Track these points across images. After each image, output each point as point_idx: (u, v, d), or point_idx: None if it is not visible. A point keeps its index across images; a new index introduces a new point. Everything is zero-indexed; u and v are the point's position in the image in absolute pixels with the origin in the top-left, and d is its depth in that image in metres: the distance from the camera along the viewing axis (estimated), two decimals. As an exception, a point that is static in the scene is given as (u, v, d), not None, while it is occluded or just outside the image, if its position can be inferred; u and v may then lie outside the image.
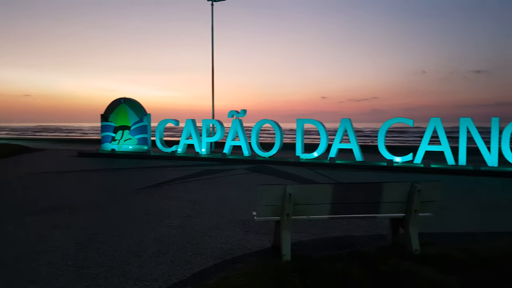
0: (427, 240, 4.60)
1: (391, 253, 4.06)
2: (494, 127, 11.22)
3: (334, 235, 5.00)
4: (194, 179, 10.10)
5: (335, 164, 12.71)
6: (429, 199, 4.21)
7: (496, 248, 4.32)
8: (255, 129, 14.54)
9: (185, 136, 15.61)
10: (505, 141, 11.13)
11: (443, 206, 6.54)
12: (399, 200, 4.17)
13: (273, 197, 3.92)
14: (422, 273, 3.55)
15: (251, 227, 5.36)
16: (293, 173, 11.06)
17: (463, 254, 4.08)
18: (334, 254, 4.16)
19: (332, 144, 13.20)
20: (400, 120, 12.73)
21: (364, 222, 5.49)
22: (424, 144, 12.00)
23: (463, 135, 11.55)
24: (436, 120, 11.84)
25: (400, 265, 3.72)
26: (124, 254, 4.36)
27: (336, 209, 4.10)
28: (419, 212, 4.18)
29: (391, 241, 4.47)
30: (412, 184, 4.13)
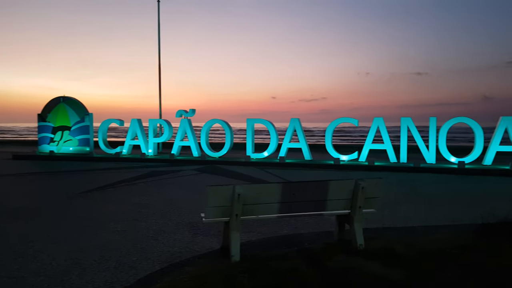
0: (372, 235, 4.82)
1: (338, 249, 4.21)
2: (432, 126, 12.03)
3: (283, 233, 5.08)
4: (140, 181, 9.79)
5: (285, 163, 12.94)
6: (372, 196, 4.42)
7: (434, 241, 4.63)
8: (205, 129, 14.41)
9: (131, 137, 15.10)
10: (442, 139, 11.97)
11: (385, 202, 6.90)
12: (345, 197, 4.33)
13: (222, 197, 3.90)
14: (367, 267, 3.71)
15: (199, 229, 5.30)
16: (243, 173, 11.10)
17: (405, 247, 4.32)
18: (283, 252, 4.23)
19: (282, 143, 13.42)
20: (346, 120, 13.24)
21: (312, 219, 5.63)
22: (368, 143, 12.58)
23: (404, 134, 12.26)
24: (379, 120, 12.45)
25: (346, 261, 3.87)
26: (63, 262, 4.12)
27: (285, 208, 4.17)
28: (363, 208, 4.37)
29: (337, 237, 4.63)
30: (356, 182, 4.31)
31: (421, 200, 7.46)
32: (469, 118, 12.00)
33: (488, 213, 5.14)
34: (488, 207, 6.27)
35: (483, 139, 11.66)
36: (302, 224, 5.48)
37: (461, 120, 12.16)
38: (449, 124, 12.06)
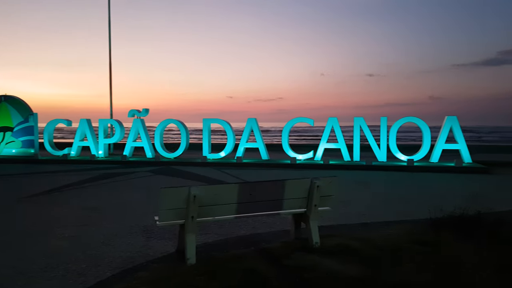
0: (327, 233, 4.92)
1: (294, 248, 4.25)
2: (383, 125, 12.55)
3: (240, 234, 5.07)
4: (90, 184, 9.38)
5: (242, 163, 12.94)
6: (327, 194, 4.51)
7: (387, 236, 4.81)
8: (159, 129, 14.09)
9: (79, 138, 14.44)
10: (392, 138, 12.53)
11: (340, 199, 7.09)
12: (301, 196, 4.38)
13: (177, 199, 3.81)
14: (323, 264, 3.78)
15: (154, 232, 5.16)
16: (200, 174, 10.96)
17: (360, 243, 4.45)
18: (240, 253, 4.21)
19: (239, 143, 13.42)
20: (302, 120, 13.48)
21: (269, 219, 5.66)
22: (323, 142, 12.89)
23: (356, 134, 12.69)
24: (333, 120, 12.79)
25: (303, 259, 3.92)
26: (5, 272, 3.84)
27: (242, 208, 4.16)
28: (319, 207, 4.45)
29: (294, 236, 4.69)
30: (311, 181, 4.38)
31: (374, 197, 7.75)
32: (417, 118, 12.65)
33: (436, 208, 5.41)
34: (435, 202, 6.60)
35: (430, 138, 12.32)
36: (260, 224, 5.50)
37: (410, 120, 12.78)
38: (399, 123, 12.64)
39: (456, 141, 12.19)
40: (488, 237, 4.60)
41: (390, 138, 12.52)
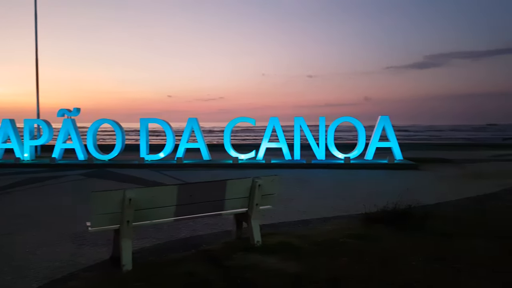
0: (269, 231, 5.00)
1: (236, 248, 4.26)
2: (322, 125, 13.04)
3: (180, 237, 4.97)
4: (15, 189, 8.68)
5: (183, 164, 12.72)
6: (269, 192, 4.58)
7: (326, 232, 4.99)
8: (92, 130, 13.39)
9: (1, 140, 13.30)
10: (331, 137, 13.04)
11: (282, 197, 7.23)
12: (242, 195, 4.40)
13: (110, 203, 3.65)
14: (264, 263, 3.82)
15: (86, 239, 4.89)
16: (137, 176, 10.60)
17: (300, 240, 4.58)
18: (180, 256, 4.13)
19: (179, 144, 13.17)
20: (244, 120, 13.57)
21: (211, 220, 5.62)
22: (265, 141, 13.07)
23: (297, 133, 13.05)
24: (274, 119, 13.03)
25: (244, 259, 3.93)
26: None
27: (182, 210, 4.08)
28: (261, 205, 4.50)
29: (236, 236, 4.69)
30: (253, 180, 4.42)
31: (313, 194, 8.00)
32: (353, 118, 13.29)
33: (370, 203, 5.72)
34: (370, 198, 6.98)
35: (365, 137, 13.01)
36: (201, 225, 5.44)
37: (346, 120, 13.39)
38: (336, 123, 13.20)
39: (389, 140, 12.98)
40: (417, 229, 4.96)
41: (328, 137, 13.02)
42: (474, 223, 5.28)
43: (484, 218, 5.67)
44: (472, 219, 5.58)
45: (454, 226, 5.14)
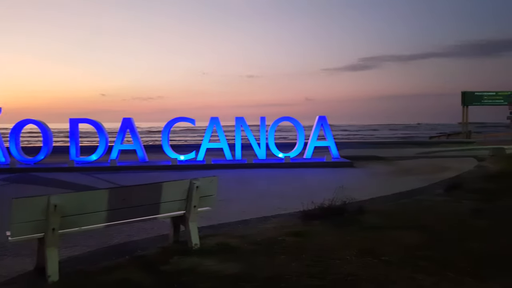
0: (208, 233, 4.97)
1: (173, 252, 4.19)
2: (262, 125, 13.23)
3: (113, 243, 4.77)
4: None
5: (117, 167, 12.21)
6: (207, 194, 4.55)
7: (265, 231, 5.07)
8: (15, 131, 12.41)
9: None
10: (271, 136, 13.27)
11: (221, 198, 7.22)
12: (179, 198, 4.33)
13: (33, 210, 3.41)
14: (202, 266, 3.80)
15: (8, 249, 4.52)
16: (66, 181, 10.00)
17: (239, 240, 4.61)
18: (112, 264, 3.97)
19: (113, 145, 12.65)
20: (183, 120, 13.37)
21: (147, 224, 5.45)
22: (205, 142, 12.98)
23: (238, 133, 13.11)
24: (215, 119, 12.98)
25: (181, 262, 3.88)
26: None
27: (114, 216, 3.93)
28: (199, 207, 4.46)
29: (173, 239, 4.61)
30: (190, 181, 4.36)
31: (254, 193, 8.09)
32: (292, 118, 13.65)
33: (308, 201, 5.89)
34: (308, 195, 7.18)
35: (304, 136, 13.42)
36: (136, 230, 5.26)
37: (286, 120, 13.71)
38: (276, 123, 13.47)
39: (326, 139, 13.50)
40: (351, 224, 5.21)
41: (269, 137, 13.24)
42: (402, 216, 5.67)
43: (411, 210, 6.10)
44: (401, 212, 5.98)
45: (384, 219, 5.48)
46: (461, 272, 3.57)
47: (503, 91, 29.18)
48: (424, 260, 3.88)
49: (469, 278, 3.43)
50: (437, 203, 6.64)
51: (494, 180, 8.91)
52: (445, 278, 3.44)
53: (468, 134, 29.67)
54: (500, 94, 29.46)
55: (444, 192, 7.63)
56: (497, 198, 6.87)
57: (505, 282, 3.36)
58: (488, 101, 30.58)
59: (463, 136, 29.36)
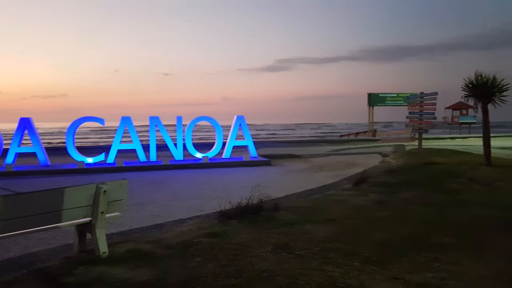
0: (118, 240, 4.74)
1: (78, 262, 3.91)
2: (179, 124, 12.98)
3: (8, 257, 4.32)
4: None
5: (14, 172, 11.10)
6: (116, 198, 4.33)
7: (181, 233, 4.98)
8: None
9: None
10: (188, 136, 13.09)
11: (134, 202, 6.95)
12: (84, 204, 4.06)
13: None
14: (111, 274, 3.61)
15: None
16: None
17: (152, 246, 4.46)
18: (8, 278, 3.60)
19: (9, 148, 11.46)
20: (91, 119, 12.60)
21: (48, 234, 5.03)
22: (116, 143, 12.37)
23: (152, 133, 12.72)
24: (127, 119, 12.44)
25: (87, 272, 3.64)
26: None
27: (9, 226, 3.55)
28: (107, 213, 4.23)
29: (78, 249, 4.31)
30: (97, 186, 4.12)
31: (169, 196, 7.91)
32: (211, 117, 13.63)
33: (225, 200, 5.92)
34: (226, 195, 7.23)
35: (222, 136, 13.46)
36: (35, 241, 4.83)
37: (204, 119, 13.65)
38: (194, 122, 13.34)
39: (244, 138, 13.70)
40: (267, 221, 5.35)
41: (186, 137, 13.04)
42: (314, 211, 5.97)
43: (322, 205, 6.45)
44: (313, 207, 6.29)
45: (298, 215, 5.72)
46: (367, 261, 3.86)
47: (403, 93, 32.20)
48: (333, 252, 4.13)
49: (373, 266, 3.72)
50: (346, 197, 7.11)
51: (395, 174, 9.81)
52: (352, 268, 3.68)
53: (374, 132, 32.29)
54: (401, 95, 32.48)
55: (352, 187, 8.21)
56: (398, 190, 7.57)
57: (403, 267, 3.71)
58: (390, 102, 33.55)
59: (370, 134, 31.88)
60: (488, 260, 3.88)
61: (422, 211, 5.90)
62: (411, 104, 17.35)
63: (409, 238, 4.56)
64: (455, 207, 6.12)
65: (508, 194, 7.12)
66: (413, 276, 3.48)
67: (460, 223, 5.22)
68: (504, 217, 5.44)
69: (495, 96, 10.63)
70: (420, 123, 16.15)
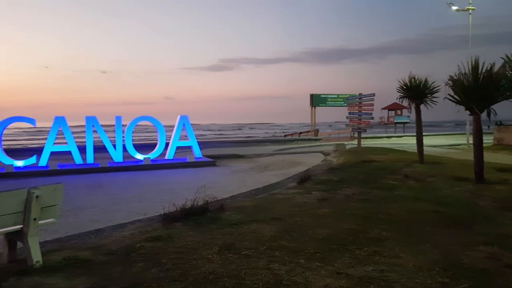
0: (54, 247, 4.48)
1: (8, 274, 3.64)
2: (118, 125, 12.50)
3: None
4: None
5: None
6: (50, 204, 4.09)
7: (122, 238, 4.80)
8: None
9: None
10: (128, 137, 12.64)
11: (70, 207, 6.60)
12: (14, 211, 3.79)
13: None
14: (45, 285, 3.40)
15: None
16: None
17: (91, 252, 4.26)
18: None
19: None
20: (20, 120, 11.79)
21: (-28, 245, 4.63)
22: (49, 144, 11.65)
23: (89, 134, 12.13)
24: (60, 118, 11.77)
25: (19, 284, 3.40)
26: None
27: None
28: (40, 220, 3.97)
29: (8, 259, 4.01)
30: (28, 191, 3.86)
31: (109, 200, 7.59)
32: (152, 117, 13.28)
33: (170, 203, 5.80)
34: (169, 197, 7.07)
35: (165, 136, 13.17)
36: (-43, 253, 4.41)
37: (145, 119, 13.27)
38: (134, 122, 12.93)
39: (188, 139, 13.51)
40: (213, 222, 5.32)
41: (126, 138, 12.59)
42: (260, 210, 6.03)
43: (268, 204, 6.53)
44: (259, 206, 6.35)
45: (244, 215, 5.75)
46: (311, 258, 3.96)
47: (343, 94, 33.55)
48: (279, 250, 4.19)
49: (317, 262, 3.83)
50: (290, 196, 7.26)
51: (336, 172, 10.19)
52: (297, 265, 3.77)
53: (316, 132, 33.31)
54: (341, 96, 33.82)
55: (296, 185, 8.40)
56: (339, 188, 7.87)
57: (345, 262, 3.86)
58: (331, 102, 34.83)
59: (312, 134, 32.84)
60: (424, 251, 4.15)
61: (362, 207, 6.18)
62: (350, 104, 18.10)
63: (351, 234, 4.75)
64: (392, 202, 6.48)
65: (439, 188, 7.66)
66: (355, 270, 3.62)
67: (397, 218, 5.53)
68: (436, 211, 5.84)
69: (427, 98, 11.41)
70: (359, 122, 16.90)
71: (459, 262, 3.83)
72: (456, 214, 5.72)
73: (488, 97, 8.25)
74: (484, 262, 3.80)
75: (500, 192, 7.24)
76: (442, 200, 6.59)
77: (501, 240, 4.41)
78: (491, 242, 4.31)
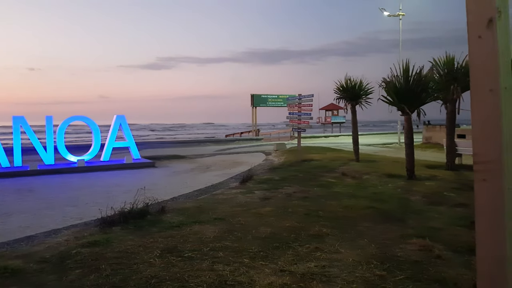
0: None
1: None
2: (49, 125, 11.76)
3: None
4: None
5: None
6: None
7: (56, 245, 4.53)
8: None
9: None
10: (60, 138, 11.93)
11: (-4, 215, 6.11)
12: None
13: None
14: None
15: None
16: None
17: (22, 261, 3.99)
18: None
19: None
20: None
21: None
22: (-30, 146, 10.68)
23: (17, 134, 11.29)
24: (-17, 117, 10.84)
25: None
26: None
27: None
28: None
29: None
30: None
31: (41, 204, 7.12)
32: (86, 117, 12.66)
33: (107, 206, 5.56)
34: (107, 201, 6.79)
35: (100, 137, 12.60)
36: None
37: (78, 119, 12.62)
38: (67, 122, 12.24)
39: (126, 139, 13.04)
40: (154, 225, 5.20)
41: (57, 139, 11.88)
42: (202, 212, 5.99)
43: (210, 205, 6.50)
44: (201, 208, 6.31)
45: (186, 216, 5.68)
46: (255, 256, 4.01)
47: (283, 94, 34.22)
48: (223, 250, 4.20)
49: (261, 261, 3.88)
50: (233, 196, 7.29)
51: (277, 171, 10.39)
52: (241, 264, 3.80)
53: (257, 132, 33.68)
54: (281, 96, 34.46)
55: (239, 185, 8.45)
56: (280, 186, 8.04)
57: (288, 260, 3.95)
58: (272, 103, 35.37)
59: (253, 133, 33.17)
60: (362, 246, 4.36)
61: (302, 205, 6.36)
62: (290, 105, 18.51)
63: (293, 231, 4.88)
64: (331, 200, 6.74)
65: (374, 185, 8.10)
66: (298, 267, 3.73)
67: (336, 214, 5.76)
68: (372, 207, 6.17)
69: (362, 99, 12.01)
70: (299, 122, 17.35)
71: (394, 255, 4.07)
72: (390, 209, 6.09)
73: (418, 98, 8.87)
74: (417, 254, 4.08)
75: (429, 187, 7.82)
76: (377, 196, 6.98)
77: (431, 233, 4.77)
78: (422, 235, 4.63)
